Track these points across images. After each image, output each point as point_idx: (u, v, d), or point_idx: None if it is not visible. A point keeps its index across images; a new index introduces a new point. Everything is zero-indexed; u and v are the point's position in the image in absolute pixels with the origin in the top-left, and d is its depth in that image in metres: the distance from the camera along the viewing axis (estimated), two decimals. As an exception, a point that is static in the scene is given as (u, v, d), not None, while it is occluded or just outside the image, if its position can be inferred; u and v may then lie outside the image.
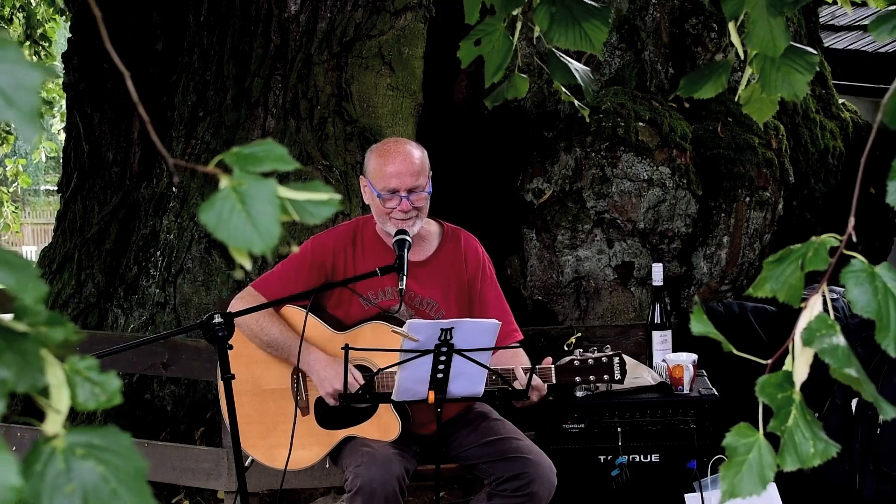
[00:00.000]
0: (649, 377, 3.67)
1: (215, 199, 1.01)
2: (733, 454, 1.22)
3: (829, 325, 1.20)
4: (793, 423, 1.21)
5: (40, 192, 24.84)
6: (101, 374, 1.00)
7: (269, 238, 1.00)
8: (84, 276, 5.29)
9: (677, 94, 2.05)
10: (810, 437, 1.21)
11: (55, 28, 9.16)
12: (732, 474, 1.22)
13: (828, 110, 5.63)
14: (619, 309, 4.65)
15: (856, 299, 1.18)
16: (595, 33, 1.87)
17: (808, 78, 1.74)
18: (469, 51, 2.01)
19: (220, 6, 4.99)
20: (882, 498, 3.86)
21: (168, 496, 4.48)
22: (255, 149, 1.06)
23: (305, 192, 1.06)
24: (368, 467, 2.98)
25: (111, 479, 0.95)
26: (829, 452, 1.20)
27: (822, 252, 1.22)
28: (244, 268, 1.04)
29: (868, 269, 1.19)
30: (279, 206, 1.01)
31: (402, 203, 3.10)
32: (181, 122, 4.99)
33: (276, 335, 3.17)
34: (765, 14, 1.68)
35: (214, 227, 1.00)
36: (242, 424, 3.06)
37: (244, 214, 1.00)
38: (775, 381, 1.22)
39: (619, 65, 5.05)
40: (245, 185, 1.02)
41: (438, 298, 3.25)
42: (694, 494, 3.49)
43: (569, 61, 2.14)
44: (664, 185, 4.59)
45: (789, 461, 1.21)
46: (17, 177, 10.68)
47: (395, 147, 3.19)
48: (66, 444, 0.95)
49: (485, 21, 1.96)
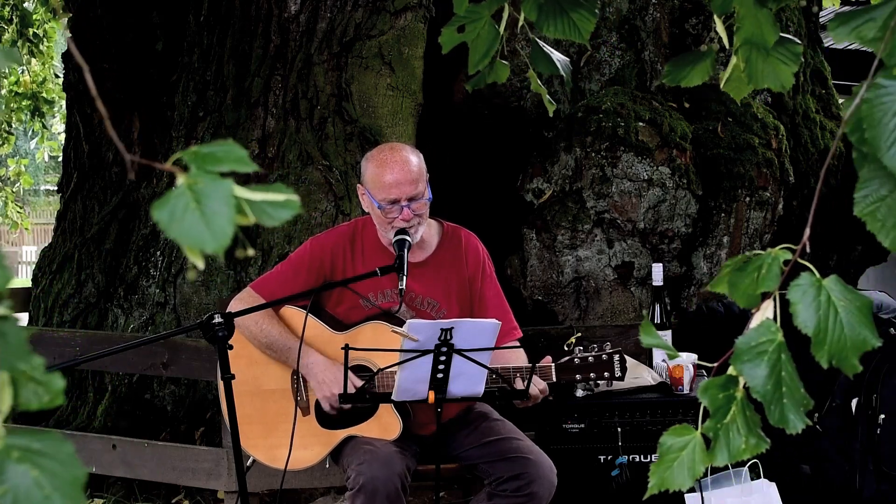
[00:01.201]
0: (649, 377, 3.67)
1: (169, 197, 0.99)
2: (667, 452, 1.28)
3: (771, 331, 1.23)
4: (730, 419, 1.25)
5: (40, 192, 24.84)
6: (45, 374, 1.00)
7: (222, 238, 0.98)
8: (84, 276, 5.30)
9: (662, 81, 2.05)
10: (745, 433, 1.24)
11: (55, 28, 9.16)
12: (663, 469, 1.28)
13: (828, 110, 5.63)
14: (619, 309, 4.65)
15: (798, 314, 1.20)
16: (583, 23, 1.88)
17: (793, 69, 1.75)
18: (451, 37, 2.00)
19: (220, 6, 4.99)
20: (882, 498, 3.86)
21: (168, 496, 4.48)
22: (214, 148, 1.05)
23: (263, 192, 1.04)
24: (370, 465, 2.98)
25: (45, 484, 0.94)
26: (759, 447, 1.24)
27: (775, 269, 1.25)
28: (196, 267, 1.02)
29: (816, 282, 1.21)
30: (234, 207, 1.00)
31: (404, 212, 3.09)
32: (181, 122, 4.99)
33: (275, 337, 3.17)
34: (752, 9, 1.69)
35: (167, 224, 0.99)
36: (243, 425, 3.06)
37: (198, 213, 0.99)
38: (719, 383, 1.26)
39: (619, 65, 5.05)
40: (201, 183, 1.00)
41: (439, 298, 3.25)
42: (694, 494, 3.49)
43: (551, 51, 2.14)
44: (664, 185, 4.59)
45: (720, 456, 1.25)
46: (19, 177, 10.68)
47: (392, 155, 3.16)
48: (3, 446, 0.95)
49: (469, 8, 1.95)
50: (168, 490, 4.47)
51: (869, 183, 1.19)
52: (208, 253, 0.99)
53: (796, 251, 1.22)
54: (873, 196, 1.19)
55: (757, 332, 1.23)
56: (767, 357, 1.22)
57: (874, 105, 1.15)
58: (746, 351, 1.22)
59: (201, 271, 4.72)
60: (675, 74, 1.99)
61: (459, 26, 1.98)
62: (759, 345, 1.22)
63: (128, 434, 4.42)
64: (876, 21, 1.22)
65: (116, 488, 4.54)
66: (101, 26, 5.61)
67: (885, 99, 1.16)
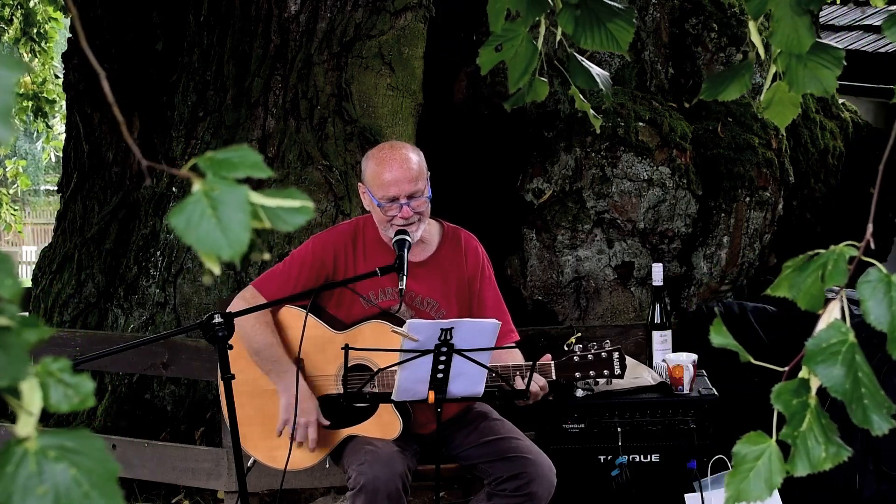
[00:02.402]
0: (649, 377, 3.67)
1: (186, 203, 1.00)
2: (741, 462, 1.22)
3: (842, 332, 1.19)
4: (806, 427, 1.21)
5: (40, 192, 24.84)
6: (73, 376, 1.00)
7: (239, 244, 0.99)
8: (84, 276, 5.30)
9: (700, 97, 2.04)
10: (823, 441, 1.20)
11: (56, 28, 9.16)
12: (739, 480, 1.22)
13: (828, 110, 5.63)
14: (619, 309, 4.65)
15: (870, 310, 1.17)
16: (621, 34, 1.87)
17: (836, 73, 1.73)
18: (490, 57, 1.98)
19: (220, 6, 4.99)
20: (882, 498, 3.86)
21: (168, 496, 4.48)
22: (229, 154, 1.05)
23: (279, 198, 1.05)
24: (371, 465, 2.98)
25: (83, 481, 0.94)
26: (840, 456, 1.20)
27: (842, 264, 1.21)
28: (213, 273, 1.03)
29: (885, 278, 1.18)
30: (250, 213, 1.01)
31: (403, 210, 3.10)
32: (181, 122, 4.99)
33: (264, 346, 3.16)
34: (789, 12, 1.67)
35: (183, 231, 0.99)
36: (244, 425, 3.06)
37: (214, 220, 1.00)
38: (791, 388, 1.22)
39: (619, 65, 5.05)
40: (217, 190, 1.01)
41: (439, 298, 3.25)
42: (694, 494, 3.49)
43: (590, 66, 2.13)
44: (664, 185, 4.59)
45: (800, 466, 1.21)
46: (16, 178, 10.68)
47: (392, 153, 3.17)
48: (39, 446, 0.95)
49: (505, 26, 1.94)
50: (168, 490, 4.47)
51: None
52: (224, 259, 1.00)
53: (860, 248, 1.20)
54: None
55: (827, 333, 1.19)
56: (841, 357, 1.18)
57: None
58: (819, 352, 1.19)
59: (200, 271, 4.71)
60: (713, 90, 1.97)
61: (497, 45, 1.96)
62: (831, 346, 1.19)
63: (128, 434, 4.42)
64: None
65: (116, 488, 4.54)
66: (101, 26, 5.61)
67: None
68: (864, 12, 7.82)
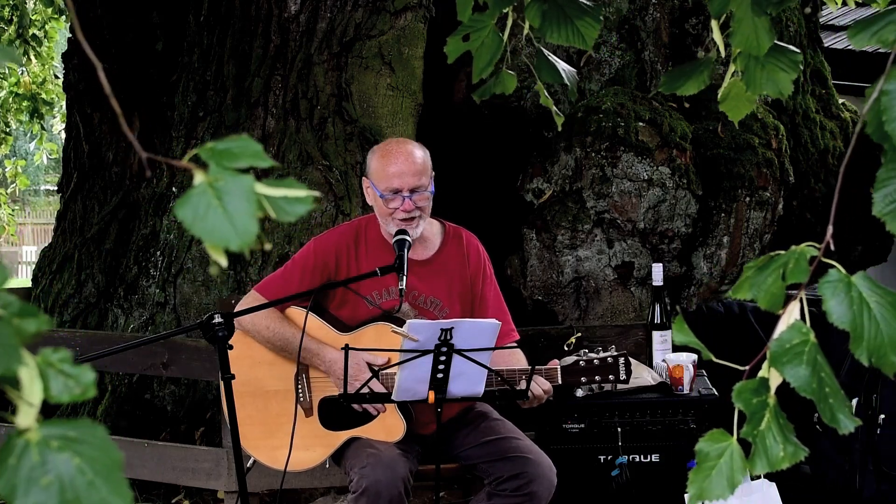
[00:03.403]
0: (649, 377, 3.67)
1: (191, 195, 0.99)
2: (704, 459, 1.24)
3: (803, 332, 1.20)
4: (765, 426, 1.22)
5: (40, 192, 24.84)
6: (74, 367, 0.99)
7: (247, 234, 0.98)
8: (84, 276, 5.30)
9: (659, 90, 2.06)
10: (781, 440, 1.21)
11: (56, 28, 9.16)
12: (702, 478, 1.24)
13: (828, 110, 5.63)
14: (619, 309, 4.65)
15: (832, 310, 1.18)
16: (587, 30, 1.88)
17: (792, 76, 1.74)
18: (456, 46, 2.00)
19: (220, 6, 4.99)
20: (882, 498, 3.86)
21: (168, 496, 4.48)
22: (230, 144, 1.04)
23: (282, 188, 1.04)
24: (374, 468, 2.98)
25: (88, 470, 0.93)
26: (798, 455, 1.21)
27: (803, 263, 1.22)
28: (220, 264, 1.02)
29: (845, 278, 1.19)
30: (256, 203, 1.00)
31: (405, 203, 3.10)
32: (181, 122, 4.99)
33: (289, 338, 3.16)
34: (749, 13, 1.68)
35: (191, 223, 0.98)
36: (245, 426, 3.06)
37: (221, 210, 0.98)
38: (751, 387, 1.23)
39: (619, 65, 5.05)
40: (222, 180, 1.00)
41: (442, 297, 3.25)
42: (694, 494, 3.49)
43: (556, 61, 2.14)
44: (664, 185, 4.59)
45: (759, 465, 1.22)
46: (15, 178, 10.68)
47: (398, 147, 3.19)
48: (41, 437, 0.94)
49: (473, 17, 1.95)
50: (168, 490, 4.47)
51: (889, 182, 1.17)
52: (233, 250, 0.98)
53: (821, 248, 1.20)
54: (894, 194, 1.17)
55: (790, 334, 1.20)
56: (805, 357, 1.19)
57: (894, 97, 1.13)
58: (783, 353, 1.19)
59: (200, 271, 4.71)
60: (671, 84, 1.99)
61: (465, 35, 1.98)
62: (795, 346, 1.19)
63: (128, 434, 4.42)
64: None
65: (116, 488, 4.54)
66: (101, 26, 5.61)
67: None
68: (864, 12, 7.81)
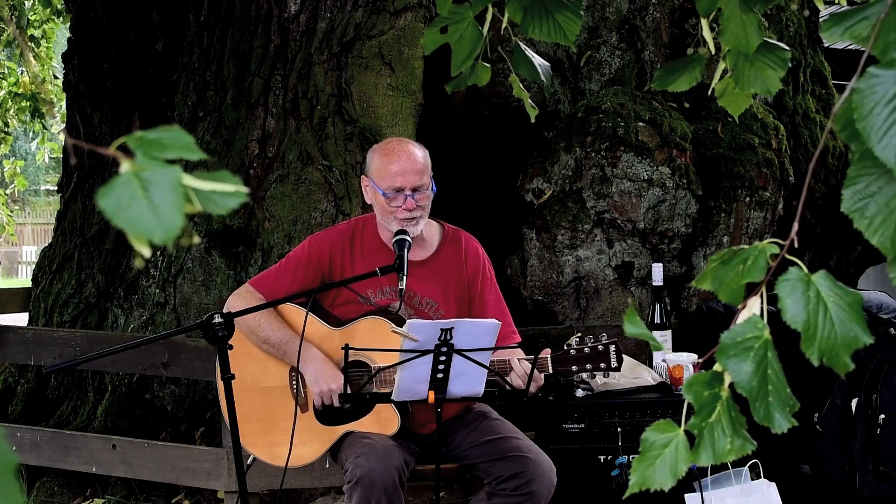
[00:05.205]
0: (649, 377, 3.67)
1: (115, 184, 0.96)
2: (649, 448, 1.24)
3: (758, 328, 1.20)
4: (715, 419, 1.22)
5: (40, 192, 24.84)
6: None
7: (171, 227, 0.95)
8: (84, 276, 5.29)
9: (651, 86, 2.07)
10: (730, 433, 1.22)
11: (55, 28, 9.15)
12: (645, 467, 1.24)
13: (828, 110, 5.63)
14: (619, 309, 4.65)
15: (786, 309, 1.17)
16: (568, 25, 1.88)
17: (780, 74, 1.74)
18: (434, 38, 2.00)
19: (220, 6, 4.99)
20: (882, 498, 3.86)
21: (168, 496, 4.48)
22: (160, 134, 1.01)
23: (211, 181, 1.01)
24: (368, 458, 2.99)
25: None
26: (745, 449, 1.21)
27: (761, 261, 1.22)
28: (143, 256, 0.99)
29: (804, 277, 1.19)
30: (183, 195, 0.97)
31: (407, 202, 3.12)
32: (181, 122, 4.99)
33: (271, 334, 3.18)
34: (737, 11, 1.68)
35: (113, 213, 0.95)
36: (243, 423, 3.06)
37: (145, 202, 0.96)
38: (704, 380, 1.23)
39: (619, 65, 5.05)
40: (148, 171, 0.97)
41: (438, 298, 3.26)
42: (694, 494, 3.49)
43: (532, 55, 2.15)
44: (664, 185, 4.59)
45: (704, 456, 1.22)
46: (14, 178, 10.67)
47: (399, 146, 3.20)
48: None
49: (453, 9, 1.96)
50: (168, 490, 4.47)
51: (858, 179, 1.17)
52: (157, 243, 0.96)
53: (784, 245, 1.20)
54: (862, 192, 1.16)
55: (743, 328, 1.20)
56: (753, 353, 1.19)
57: (865, 95, 1.12)
58: (732, 346, 1.19)
59: (200, 271, 4.72)
60: (663, 80, 2.00)
61: (442, 27, 1.98)
62: (745, 341, 1.19)
63: (128, 434, 4.42)
64: (869, 20, 1.20)
65: (116, 488, 4.54)
66: (101, 26, 5.61)
67: (877, 88, 1.12)
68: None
